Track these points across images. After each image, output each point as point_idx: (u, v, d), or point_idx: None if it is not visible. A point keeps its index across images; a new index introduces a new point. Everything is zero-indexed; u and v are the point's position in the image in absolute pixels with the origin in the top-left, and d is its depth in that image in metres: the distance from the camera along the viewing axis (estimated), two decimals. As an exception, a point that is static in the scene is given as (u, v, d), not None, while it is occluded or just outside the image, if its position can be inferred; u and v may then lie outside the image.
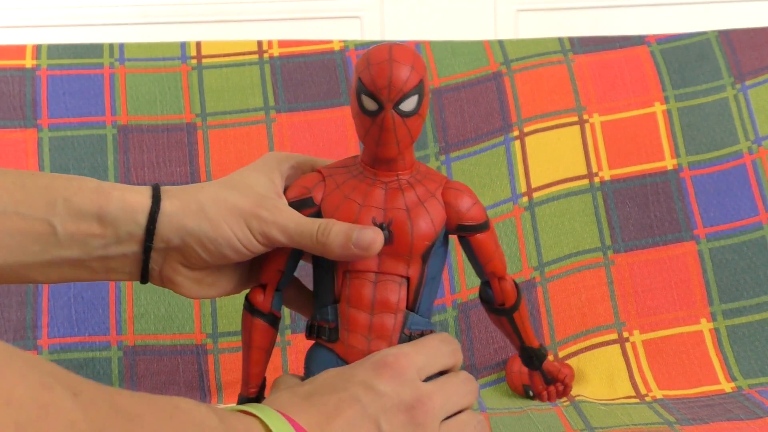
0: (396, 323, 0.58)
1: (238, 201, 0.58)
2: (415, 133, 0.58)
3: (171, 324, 0.91)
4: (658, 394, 0.87)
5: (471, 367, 0.91)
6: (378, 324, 0.58)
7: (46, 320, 0.90)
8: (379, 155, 0.58)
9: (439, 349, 0.58)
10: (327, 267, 0.59)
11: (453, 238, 0.63)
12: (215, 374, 0.90)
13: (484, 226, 0.60)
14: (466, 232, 0.60)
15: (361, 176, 0.59)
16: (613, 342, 0.92)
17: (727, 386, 0.88)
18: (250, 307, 0.61)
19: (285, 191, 0.61)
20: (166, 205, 0.58)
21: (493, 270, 0.61)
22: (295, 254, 0.60)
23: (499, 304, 0.63)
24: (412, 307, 0.59)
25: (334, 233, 0.57)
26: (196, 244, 0.58)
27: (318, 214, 0.59)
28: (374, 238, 0.57)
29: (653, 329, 0.92)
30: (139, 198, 0.58)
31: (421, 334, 0.59)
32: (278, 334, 0.63)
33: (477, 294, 0.92)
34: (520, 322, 0.63)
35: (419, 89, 0.56)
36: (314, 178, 0.60)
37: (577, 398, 0.84)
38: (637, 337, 0.92)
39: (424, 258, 0.59)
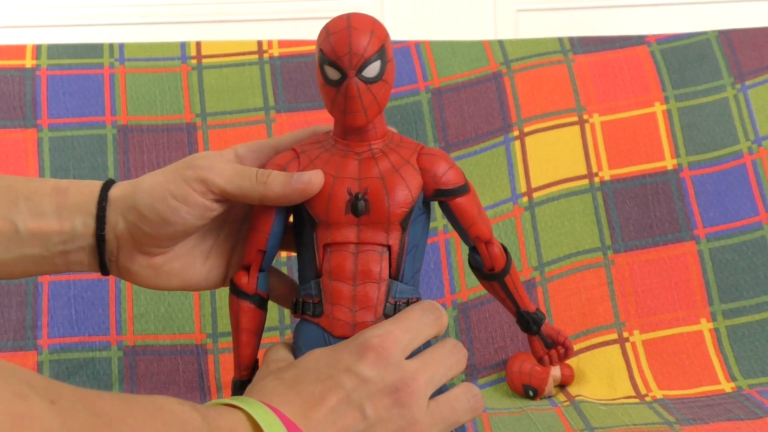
0: (380, 293, 0.58)
1: (174, 165, 0.58)
2: (383, 100, 0.58)
3: (171, 324, 0.91)
4: (658, 394, 0.87)
5: (471, 367, 0.91)
6: (361, 294, 0.57)
7: (46, 320, 0.90)
8: (348, 124, 0.58)
9: (421, 320, 0.57)
10: (308, 242, 0.59)
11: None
12: (215, 374, 0.90)
13: (463, 189, 0.60)
14: (445, 196, 0.59)
15: (334, 149, 0.59)
16: (613, 342, 0.92)
17: (727, 386, 0.88)
18: (235, 290, 0.60)
19: None
20: (113, 192, 0.59)
21: (478, 234, 0.60)
22: (275, 232, 0.60)
23: (489, 270, 0.62)
24: (395, 275, 0.58)
25: (274, 175, 0.57)
26: (136, 219, 0.58)
27: None
28: (311, 176, 0.57)
29: (653, 329, 0.92)
30: (91, 190, 0.59)
31: (407, 303, 0.59)
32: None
33: (477, 294, 0.92)
34: (513, 287, 0.62)
35: (381, 54, 0.56)
36: (288, 155, 0.60)
37: (577, 398, 0.85)
38: (637, 337, 0.92)
39: (404, 225, 0.58)
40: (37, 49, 0.98)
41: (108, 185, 0.59)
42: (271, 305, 0.64)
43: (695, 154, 0.98)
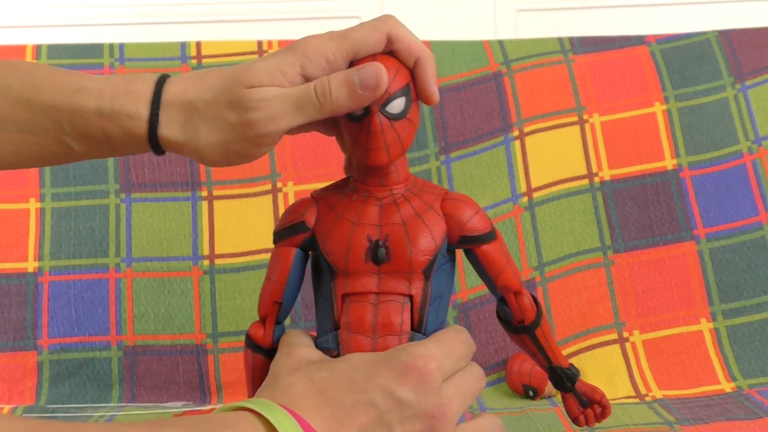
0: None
1: (227, 117, 0.55)
2: (406, 140, 0.56)
3: (171, 324, 0.91)
4: (658, 394, 0.87)
5: (471, 367, 0.91)
6: (382, 347, 0.54)
7: (46, 320, 0.90)
8: (370, 163, 0.55)
9: (461, 349, 0.55)
10: (325, 292, 0.56)
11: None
12: (215, 374, 0.90)
13: (489, 236, 0.57)
14: (471, 243, 0.57)
15: (354, 195, 0.57)
16: (613, 342, 0.92)
17: (727, 386, 0.88)
18: (251, 344, 0.58)
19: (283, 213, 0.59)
20: (164, 134, 0.56)
21: (506, 283, 0.58)
22: (292, 282, 0.58)
23: (518, 322, 0.59)
24: (418, 327, 0.55)
25: (335, 87, 0.54)
26: (200, 161, 0.57)
27: (312, 239, 0.57)
28: (377, 70, 0.54)
29: (653, 329, 0.92)
30: (138, 124, 0.56)
31: None
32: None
33: (477, 294, 0.92)
34: (544, 340, 0.60)
35: (406, 92, 0.55)
36: (306, 202, 0.58)
37: (577, 398, 0.85)
38: (637, 337, 0.92)
39: (427, 274, 0.55)
40: (37, 49, 0.98)
41: (154, 124, 0.56)
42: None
43: (695, 154, 0.99)
